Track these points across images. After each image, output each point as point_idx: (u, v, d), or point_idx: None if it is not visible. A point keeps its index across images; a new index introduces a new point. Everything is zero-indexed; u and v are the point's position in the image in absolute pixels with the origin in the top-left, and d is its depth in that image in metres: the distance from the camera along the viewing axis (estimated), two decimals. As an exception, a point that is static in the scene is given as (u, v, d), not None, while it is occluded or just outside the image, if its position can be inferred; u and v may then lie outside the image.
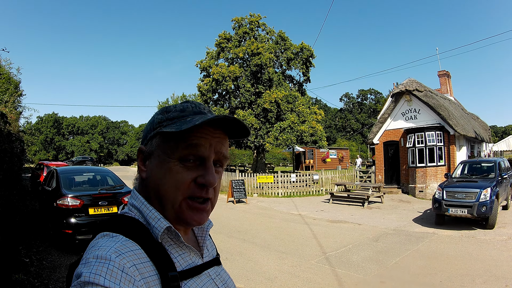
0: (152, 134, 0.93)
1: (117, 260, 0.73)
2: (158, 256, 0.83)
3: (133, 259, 0.77)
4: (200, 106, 0.98)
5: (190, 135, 0.88)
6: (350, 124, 76.19)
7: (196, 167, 0.90)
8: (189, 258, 0.92)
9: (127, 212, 0.93)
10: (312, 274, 6.20)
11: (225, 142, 0.95)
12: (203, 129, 0.89)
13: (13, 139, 9.54)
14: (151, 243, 0.84)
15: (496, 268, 6.28)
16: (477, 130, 19.75)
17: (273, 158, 51.41)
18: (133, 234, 0.84)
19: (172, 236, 0.90)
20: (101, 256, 0.73)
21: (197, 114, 0.94)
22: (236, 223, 11.06)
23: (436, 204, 9.86)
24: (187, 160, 0.89)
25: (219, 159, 0.94)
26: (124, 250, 0.77)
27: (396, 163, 19.01)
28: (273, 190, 18.82)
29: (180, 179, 0.88)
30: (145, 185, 0.94)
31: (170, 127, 0.89)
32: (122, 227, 0.86)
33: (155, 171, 0.91)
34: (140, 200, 0.92)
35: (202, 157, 0.90)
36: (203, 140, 0.89)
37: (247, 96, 23.58)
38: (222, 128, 0.93)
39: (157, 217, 0.87)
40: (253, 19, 25.17)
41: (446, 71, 22.86)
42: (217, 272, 1.02)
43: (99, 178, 9.11)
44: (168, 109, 0.96)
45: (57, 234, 7.41)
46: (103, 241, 0.80)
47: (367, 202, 14.22)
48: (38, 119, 65.38)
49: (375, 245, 8.19)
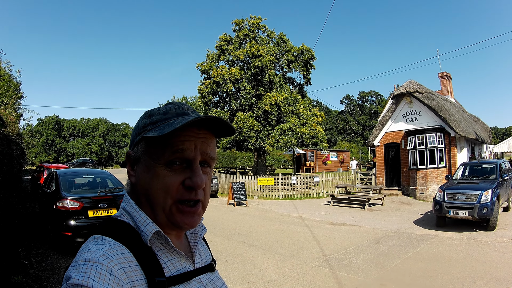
0: (138, 139, 0.93)
1: (105, 263, 0.73)
2: (147, 261, 0.82)
3: (121, 262, 0.77)
4: (183, 106, 0.97)
5: (174, 138, 0.87)
6: (351, 126, 76.12)
7: (182, 169, 0.89)
8: (179, 263, 0.92)
9: (119, 216, 0.93)
10: (312, 277, 6.17)
11: (210, 142, 0.94)
12: (187, 131, 0.88)
13: (11, 142, 9.55)
14: (140, 247, 0.84)
15: (497, 270, 6.26)
16: (478, 131, 19.72)
17: (274, 161, 51.35)
18: (123, 237, 0.84)
19: (162, 240, 0.89)
20: (89, 258, 0.74)
21: (180, 115, 0.93)
22: (236, 225, 11.04)
23: (437, 206, 9.83)
24: (173, 163, 0.88)
25: (205, 160, 0.93)
26: (113, 253, 0.77)
27: (397, 165, 18.97)
28: (273, 193, 18.82)
29: (168, 183, 0.87)
30: (135, 189, 0.94)
31: (153, 131, 0.88)
32: (113, 230, 0.86)
33: (143, 176, 0.91)
34: (131, 204, 0.92)
35: (188, 160, 0.89)
36: (187, 143, 0.88)
37: (247, 99, 23.57)
38: (206, 128, 0.93)
39: (146, 221, 0.87)
40: (253, 21, 25.18)
41: (447, 72, 22.88)
42: (210, 279, 1.00)
43: (99, 181, 9.13)
44: (152, 112, 0.96)
45: (57, 237, 7.41)
46: (93, 244, 0.81)
47: (367, 204, 14.19)
48: (39, 121, 65.51)
49: (376, 247, 8.16)
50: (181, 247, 0.97)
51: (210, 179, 0.97)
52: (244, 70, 24.43)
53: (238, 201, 15.67)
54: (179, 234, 0.99)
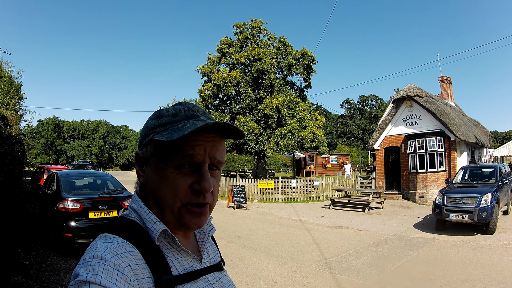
0: (147, 141, 0.94)
1: (112, 260, 0.75)
2: (154, 259, 0.84)
3: (128, 260, 0.78)
4: (193, 108, 0.97)
5: (183, 142, 0.87)
6: (351, 130, 76.15)
7: (191, 172, 0.90)
8: (186, 262, 0.92)
9: (127, 214, 0.94)
10: (312, 280, 6.17)
11: (219, 145, 0.94)
12: (197, 135, 0.89)
13: (13, 142, 9.56)
14: (148, 245, 0.85)
15: (497, 273, 6.26)
16: (478, 135, 19.73)
17: (274, 164, 51.37)
18: (131, 236, 0.85)
19: (169, 239, 0.90)
20: (97, 256, 0.76)
21: (189, 118, 0.93)
22: (236, 228, 11.04)
23: (437, 210, 9.83)
24: (182, 166, 0.89)
25: (214, 163, 0.94)
26: (120, 251, 0.79)
27: (397, 169, 18.97)
28: (273, 196, 18.79)
29: (177, 185, 0.88)
30: (143, 189, 0.96)
31: (162, 134, 0.89)
32: (121, 229, 0.88)
33: (152, 177, 0.92)
34: (139, 204, 0.93)
35: (197, 163, 0.90)
36: (197, 148, 0.89)
37: (248, 102, 23.62)
38: (216, 131, 0.93)
39: (153, 221, 0.88)
40: (254, 24, 25.29)
41: (447, 76, 22.88)
42: (218, 278, 1.02)
43: (100, 182, 9.11)
44: (161, 113, 0.96)
45: (57, 237, 7.40)
46: (101, 242, 0.82)
47: (367, 208, 14.18)
48: (39, 123, 65.31)
49: (376, 250, 8.16)
50: (188, 246, 0.98)
51: (218, 182, 0.97)
52: (244, 73, 24.49)
53: (238, 204, 15.66)
54: (187, 233, 1.00)
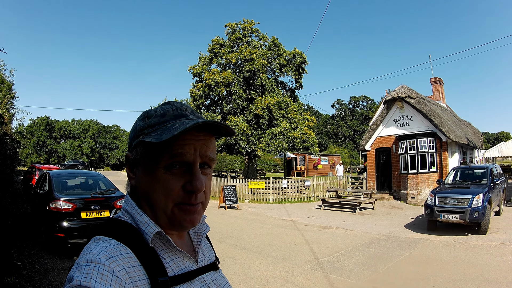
0: (136, 142, 0.92)
1: (107, 264, 0.74)
2: (149, 261, 0.83)
3: (123, 263, 0.77)
4: (182, 107, 0.96)
5: (173, 143, 0.86)
6: (342, 131, 76.53)
7: (182, 173, 0.89)
8: (182, 263, 0.91)
9: (120, 216, 0.93)
10: (305, 280, 6.11)
11: (210, 143, 0.93)
12: (186, 134, 0.87)
13: (7, 141, 9.43)
14: (142, 247, 0.84)
15: (489, 273, 6.26)
16: (469, 136, 19.91)
17: (265, 164, 51.28)
18: (125, 238, 0.84)
19: (164, 240, 0.89)
20: (91, 259, 0.74)
21: (178, 117, 0.91)
22: (227, 228, 10.95)
23: (428, 210, 9.84)
24: (173, 166, 0.88)
25: (205, 161, 0.93)
26: (115, 253, 0.78)
27: (388, 170, 19.04)
28: (264, 196, 18.73)
29: (169, 187, 0.87)
30: (135, 191, 0.95)
31: (151, 135, 0.87)
32: (114, 231, 0.86)
33: (143, 179, 0.91)
34: (132, 205, 0.92)
35: (188, 163, 0.89)
36: (186, 147, 0.88)
37: (239, 102, 23.49)
38: (206, 130, 0.92)
39: (147, 222, 0.87)
40: (246, 25, 25.18)
41: (439, 78, 23.10)
42: (213, 277, 1.00)
43: (91, 182, 9.12)
44: (149, 114, 0.95)
45: (49, 238, 7.37)
46: (95, 245, 0.81)
47: (358, 208, 14.18)
48: (30, 122, 65.08)
49: (367, 251, 8.13)
50: (183, 247, 0.97)
51: (210, 180, 0.97)
52: (236, 73, 24.36)
53: (229, 204, 15.58)
54: (181, 234, 0.99)
